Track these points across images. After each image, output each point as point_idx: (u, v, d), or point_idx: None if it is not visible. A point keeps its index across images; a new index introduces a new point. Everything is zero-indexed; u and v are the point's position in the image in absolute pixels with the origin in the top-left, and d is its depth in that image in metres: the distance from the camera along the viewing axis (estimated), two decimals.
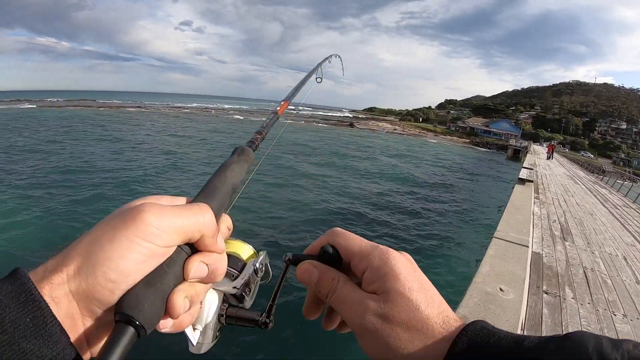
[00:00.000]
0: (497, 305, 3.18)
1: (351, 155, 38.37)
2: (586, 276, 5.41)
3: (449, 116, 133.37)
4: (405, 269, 0.49)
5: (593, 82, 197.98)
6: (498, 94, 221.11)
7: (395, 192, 22.49)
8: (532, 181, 12.42)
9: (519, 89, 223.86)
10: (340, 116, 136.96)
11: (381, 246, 0.52)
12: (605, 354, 0.34)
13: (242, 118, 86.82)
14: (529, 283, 4.51)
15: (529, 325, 3.68)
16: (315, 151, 38.40)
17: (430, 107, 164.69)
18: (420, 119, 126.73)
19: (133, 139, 36.44)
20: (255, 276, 0.59)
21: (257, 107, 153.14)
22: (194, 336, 0.53)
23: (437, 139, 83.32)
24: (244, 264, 0.59)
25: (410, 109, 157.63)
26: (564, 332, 0.38)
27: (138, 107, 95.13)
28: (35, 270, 0.39)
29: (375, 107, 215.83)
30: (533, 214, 8.19)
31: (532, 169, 16.41)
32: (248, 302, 0.58)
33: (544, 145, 68.40)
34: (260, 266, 0.60)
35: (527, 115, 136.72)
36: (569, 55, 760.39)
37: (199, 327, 0.54)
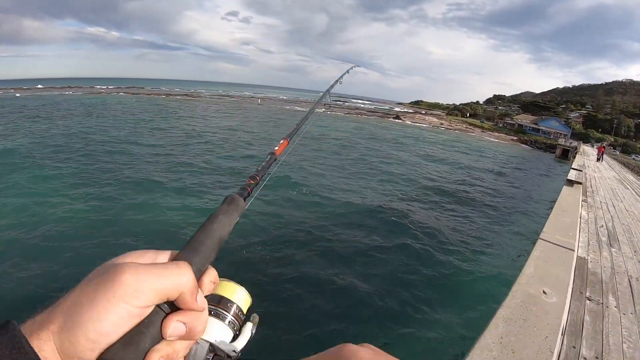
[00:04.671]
0: (539, 307, 3.17)
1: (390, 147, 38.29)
2: (631, 285, 5.25)
3: (497, 112, 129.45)
4: None
5: None
6: (547, 91, 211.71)
7: (434, 188, 22.22)
8: (580, 183, 12.02)
9: (570, 86, 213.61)
10: (387, 108, 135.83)
11: None
12: None
13: (287, 108, 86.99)
14: (573, 288, 4.43)
15: (570, 331, 3.64)
16: (355, 145, 38.34)
17: (478, 102, 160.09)
18: (468, 114, 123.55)
19: (178, 125, 37.40)
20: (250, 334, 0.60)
21: (304, 97, 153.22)
22: None
23: (484, 135, 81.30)
24: (241, 313, 0.59)
25: (458, 104, 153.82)
26: (605, 341, 0.38)
27: (185, 95, 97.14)
28: (24, 324, 0.42)
29: (421, 101, 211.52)
30: (580, 217, 7.97)
31: (581, 171, 15.85)
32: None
33: (594, 146, 65.60)
34: (254, 330, 0.61)
35: (577, 114, 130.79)
36: (622, 53, 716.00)
37: None
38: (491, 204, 20.05)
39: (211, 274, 0.55)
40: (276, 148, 0.97)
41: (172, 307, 0.48)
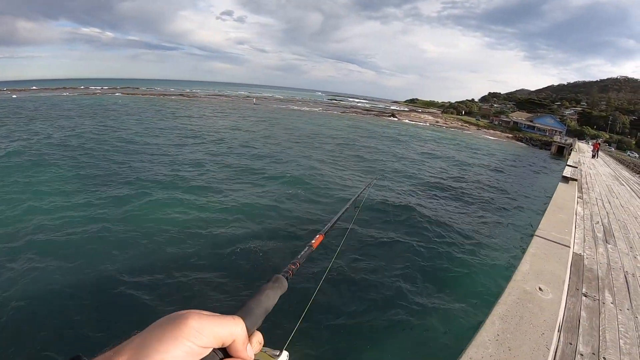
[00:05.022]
0: (535, 304, 3.16)
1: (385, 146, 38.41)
2: (627, 281, 5.25)
3: (492, 110, 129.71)
4: None
5: None
6: (543, 88, 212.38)
7: (429, 186, 22.30)
8: (576, 180, 12.05)
9: (565, 83, 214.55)
10: (382, 107, 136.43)
11: None
12: None
13: (283, 107, 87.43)
14: (569, 284, 4.42)
15: (566, 327, 3.63)
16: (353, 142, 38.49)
17: (473, 100, 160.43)
18: (463, 112, 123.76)
19: (180, 125, 37.61)
20: None
21: (300, 97, 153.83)
22: None
23: (480, 133, 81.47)
24: None
25: (453, 102, 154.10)
26: (601, 337, 0.40)
27: (180, 95, 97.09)
28: (94, 359, 0.47)
29: (417, 99, 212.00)
30: (576, 214, 7.98)
31: (576, 167, 15.89)
32: None
33: (589, 143, 65.87)
34: None
35: (572, 111, 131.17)
36: (616, 50, 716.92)
37: None
38: (486, 200, 20.09)
39: (258, 336, 0.64)
40: (313, 241, 1.12)
41: (225, 354, 0.55)
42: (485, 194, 21.57)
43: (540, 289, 3.42)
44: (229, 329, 0.54)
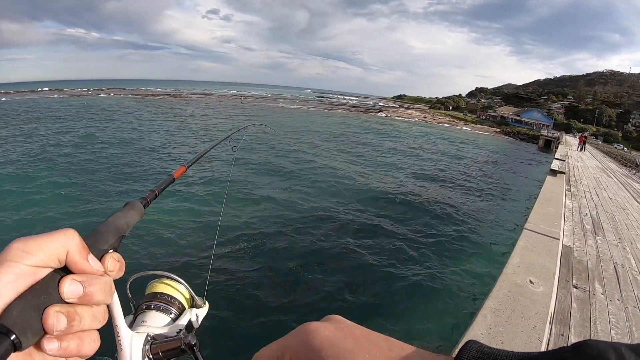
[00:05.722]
0: (526, 297, 3.17)
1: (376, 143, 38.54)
2: (616, 272, 5.30)
3: (480, 105, 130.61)
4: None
5: (628, 71, 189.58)
6: (529, 83, 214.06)
7: (418, 181, 22.38)
8: (564, 173, 12.15)
9: (551, 77, 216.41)
10: (370, 103, 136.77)
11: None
12: None
13: (271, 105, 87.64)
14: (559, 276, 4.45)
15: (558, 319, 3.65)
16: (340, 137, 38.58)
17: (460, 95, 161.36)
18: (451, 107, 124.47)
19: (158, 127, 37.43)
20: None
21: (291, 95, 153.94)
22: None
23: (467, 128, 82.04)
24: (182, 306, 0.71)
25: (440, 97, 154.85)
26: (593, 328, 0.36)
27: (167, 94, 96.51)
28: None
29: (404, 95, 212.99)
30: (564, 207, 8.04)
31: (564, 160, 16.05)
32: None
33: (576, 136, 66.61)
34: (196, 319, 0.71)
35: (559, 105, 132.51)
36: (602, 44, 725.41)
37: None
38: (475, 194, 20.20)
39: (114, 254, 0.57)
40: (174, 172, 1.12)
41: (67, 272, 0.50)
42: (472, 188, 21.67)
43: (531, 281, 3.43)
44: (58, 241, 0.49)
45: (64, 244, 0.49)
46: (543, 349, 2.58)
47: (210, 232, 11.49)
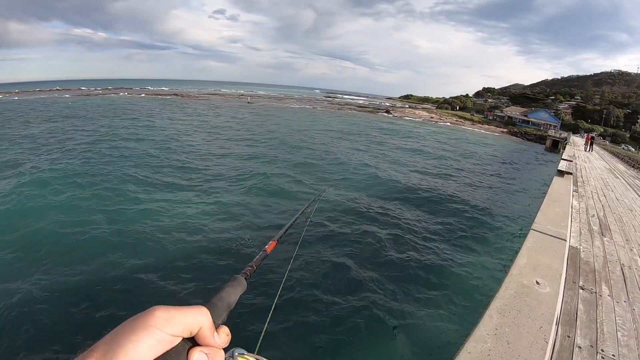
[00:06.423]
0: (532, 298, 3.16)
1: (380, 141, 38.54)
2: (623, 274, 5.27)
3: (487, 105, 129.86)
4: None
5: (635, 72, 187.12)
6: (537, 83, 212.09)
7: (425, 180, 22.35)
8: (571, 173, 12.08)
9: (559, 77, 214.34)
10: (377, 103, 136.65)
11: None
12: None
13: (278, 105, 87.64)
14: (566, 278, 4.44)
15: (564, 320, 3.64)
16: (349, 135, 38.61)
17: (467, 95, 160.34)
18: (457, 108, 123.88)
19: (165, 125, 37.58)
20: None
21: (299, 94, 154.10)
22: None
23: (475, 128, 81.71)
24: None
25: (447, 97, 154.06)
26: (599, 329, 0.38)
27: (174, 94, 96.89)
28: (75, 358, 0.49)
29: (411, 95, 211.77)
30: (571, 207, 8.00)
31: (571, 161, 15.95)
32: None
33: (583, 136, 66.16)
34: None
35: (566, 105, 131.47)
36: (609, 44, 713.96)
37: None
38: (482, 195, 20.17)
39: (225, 329, 0.66)
40: (267, 247, 1.21)
41: (194, 343, 0.59)
42: (479, 189, 21.66)
43: (537, 282, 3.42)
44: (195, 318, 0.57)
45: (199, 321, 0.58)
46: (549, 350, 2.58)
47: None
